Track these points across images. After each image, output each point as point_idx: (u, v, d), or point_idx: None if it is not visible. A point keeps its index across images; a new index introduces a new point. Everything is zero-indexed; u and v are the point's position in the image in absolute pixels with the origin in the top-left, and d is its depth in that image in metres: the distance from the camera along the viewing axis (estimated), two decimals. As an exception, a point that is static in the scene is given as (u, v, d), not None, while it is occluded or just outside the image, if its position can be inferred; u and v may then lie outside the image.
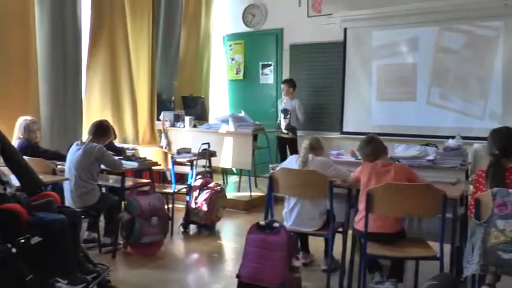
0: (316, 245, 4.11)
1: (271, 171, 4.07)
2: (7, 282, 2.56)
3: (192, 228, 5.16)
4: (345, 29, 7.19)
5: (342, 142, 6.98)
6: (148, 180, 4.67)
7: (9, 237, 2.56)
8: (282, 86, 7.24)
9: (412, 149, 4.33)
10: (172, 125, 6.88)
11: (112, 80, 6.13)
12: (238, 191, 6.76)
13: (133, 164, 4.42)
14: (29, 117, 4.54)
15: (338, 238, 3.63)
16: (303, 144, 3.85)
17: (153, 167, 4.67)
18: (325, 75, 7.52)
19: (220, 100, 8.50)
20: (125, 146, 5.60)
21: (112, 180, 4.73)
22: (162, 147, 6.70)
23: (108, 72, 6.08)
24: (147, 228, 4.12)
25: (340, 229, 3.69)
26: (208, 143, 5.36)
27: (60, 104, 5.38)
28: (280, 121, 7.19)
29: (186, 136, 6.72)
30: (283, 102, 7.24)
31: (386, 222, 3.24)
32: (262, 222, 3.36)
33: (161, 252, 4.35)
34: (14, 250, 2.52)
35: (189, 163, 5.30)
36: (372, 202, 3.10)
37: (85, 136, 5.60)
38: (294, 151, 7.04)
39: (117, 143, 5.46)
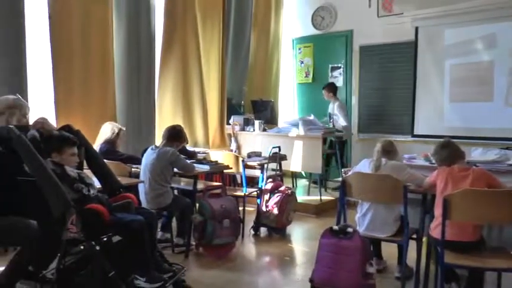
0: (388, 251, 4.03)
1: (343, 175, 4.04)
2: (91, 278, 2.72)
3: (263, 231, 5.21)
4: (416, 28, 7.00)
5: (413, 145, 6.78)
6: (220, 183, 4.76)
7: (92, 235, 2.71)
8: (323, 91, 7.25)
9: (490, 153, 4.15)
10: (242, 129, 6.99)
11: (183, 85, 6.32)
12: (308, 194, 6.75)
13: (205, 167, 4.54)
14: (117, 124, 4.77)
15: (411, 245, 3.54)
16: (376, 147, 3.78)
17: (224, 170, 4.75)
18: (396, 76, 7.36)
19: (288, 104, 8.53)
20: (196, 149, 5.74)
21: (184, 183, 4.88)
22: (232, 150, 6.82)
23: (179, 78, 6.27)
24: (219, 230, 4.21)
25: (414, 236, 3.60)
26: (279, 147, 5.40)
27: (134, 109, 5.62)
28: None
29: (255, 140, 6.80)
30: (329, 106, 7.28)
31: (464, 229, 3.11)
32: (335, 227, 3.34)
33: (233, 254, 4.43)
34: (97, 248, 2.67)
35: (259, 166, 5.35)
36: (449, 208, 2.99)
37: (158, 140, 5.86)
38: (341, 153, 6.97)
39: (188, 146, 5.62)
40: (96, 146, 4.60)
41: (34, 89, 4.62)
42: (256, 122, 6.82)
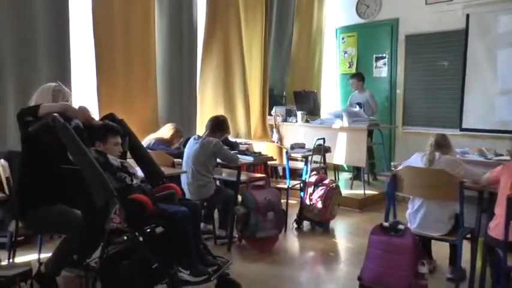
0: (436, 250, 3.84)
1: (393, 169, 3.86)
2: (135, 269, 2.66)
3: (305, 224, 5.08)
4: (467, 15, 6.67)
5: (461, 140, 6.45)
6: (263, 175, 4.65)
7: (136, 226, 2.65)
8: (351, 81, 7.10)
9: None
10: (284, 120, 6.85)
11: (225, 76, 6.22)
12: (351, 188, 6.57)
13: (249, 159, 4.43)
14: (179, 129, 4.83)
15: (464, 245, 3.34)
16: (429, 141, 3.60)
17: (268, 162, 4.64)
18: (444, 67, 7.04)
19: (331, 95, 8.33)
20: (238, 140, 5.64)
21: (226, 174, 4.79)
22: (273, 142, 6.70)
23: (221, 69, 6.17)
24: (263, 223, 4.11)
25: (469, 235, 3.40)
26: (323, 138, 5.23)
27: (176, 101, 5.56)
28: None
29: (298, 131, 6.66)
30: (356, 96, 7.07)
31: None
32: (386, 224, 3.18)
33: (276, 248, 4.33)
34: (140, 239, 2.60)
35: (303, 158, 5.20)
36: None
37: (199, 131, 5.81)
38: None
39: (230, 137, 5.53)
40: (147, 141, 4.58)
41: (77, 81, 4.63)
42: (299, 113, 6.67)
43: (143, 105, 5.13)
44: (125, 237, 2.60)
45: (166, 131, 4.83)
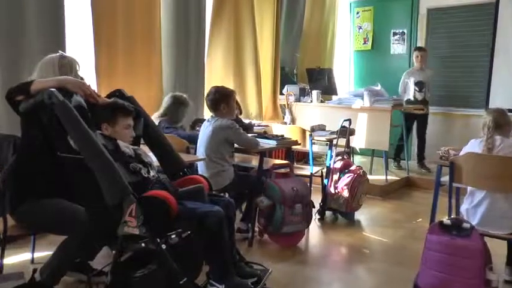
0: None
1: (440, 154, 3.36)
2: (154, 283, 2.13)
3: (327, 214, 4.59)
4: (498, -14, 6.13)
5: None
6: (287, 161, 4.12)
7: (157, 230, 2.10)
8: (417, 53, 6.31)
9: None
10: (297, 100, 6.31)
11: (235, 52, 5.67)
12: (370, 173, 6.06)
13: (271, 143, 3.90)
14: (182, 94, 4.21)
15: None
16: (483, 120, 3.06)
17: (295, 147, 4.11)
18: (470, 43, 6.53)
19: (344, 73, 7.78)
20: (252, 121, 5.12)
21: (238, 159, 4.23)
22: (285, 123, 6.18)
23: (231, 44, 5.62)
24: (290, 216, 3.59)
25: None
26: (349, 119, 4.70)
27: (182, 79, 5.00)
28: (411, 95, 6.32)
29: (313, 112, 6.13)
30: (415, 74, 6.34)
31: None
32: (447, 221, 2.67)
33: (302, 243, 3.83)
34: (163, 246, 2.07)
35: (327, 142, 4.68)
36: None
37: (207, 111, 5.26)
38: (422, 128, 6.31)
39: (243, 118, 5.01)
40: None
41: (72, 54, 4.00)
42: (314, 92, 6.14)
43: (147, 82, 4.57)
44: (143, 244, 2.06)
45: (168, 104, 4.22)
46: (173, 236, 2.07)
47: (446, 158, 3.27)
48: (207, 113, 5.11)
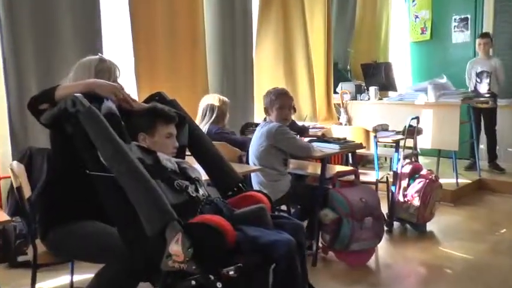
0: None
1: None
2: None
3: (395, 225, 4.07)
4: None
5: None
6: (351, 168, 3.64)
7: (210, 265, 1.67)
8: (480, 41, 5.69)
9: None
10: (354, 98, 5.79)
11: (285, 48, 5.23)
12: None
13: (333, 147, 3.42)
14: (220, 97, 3.74)
15: None
16: None
17: (357, 150, 3.63)
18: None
19: (400, 67, 7.18)
20: (306, 124, 4.64)
21: (293, 166, 3.75)
22: (341, 124, 5.68)
23: (280, 41, 5.19)
24: (359, 232, 3.10)
25: None
26: (417, 118, 4.16)
27: (230, 81, 4.61)
28: (474, 87, 5.71)
29: (371, 110, 5.59)
30: (478, 63, 5.75)
31: None
32: None
33: (371, 262, 3.34)
34: (219, 285, 1.64)
35: (392, 144, 4.16)
36: None
37: (257, 116, 4.85)
38: (492, 123, 5.65)
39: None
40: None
41: (109, 54, 3.66)
42: (372, 89, 5.60)
43: (191, 83, 4.19)
44: (193, 282, 1.64)
45: (208, 109, 3.70)
46: (231, 272, 1.62)
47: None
48: (260, 116, 4.72)
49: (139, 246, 1.72)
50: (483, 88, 5.65)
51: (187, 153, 2.25)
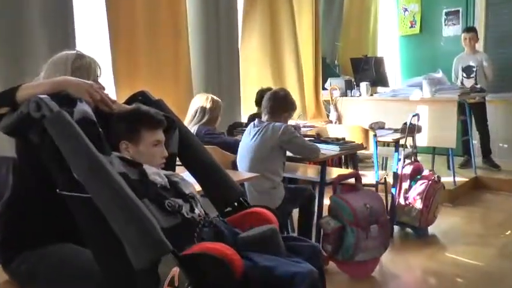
0: None
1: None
2: None
3: (396, 230, 3.83)
4: None
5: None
6: (353, 170, 3.36)
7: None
8: (465, 35, 5.51)
9: None
10: (343, 94, 5.52)
11: (272, 41, 4.98)
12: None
13: (333, 148, 3.14)
14: (214, 98, 3.41)
15: None
16: None
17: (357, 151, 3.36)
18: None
19: (389, 62, 6.95)
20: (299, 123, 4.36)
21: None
22: (331, 122, 5.41)
23: (267, 34, 4.94)
24: (364, 241, 2.83)
25: None
26: (417, 115, 3.91)
27: (214, 78, 4.30)
28: (461, 82, 5.52)
29: (362, 107, 5.34)
30: (464, 58, 5.58)
31: None
32: None
33: (376, 272, 3.07)
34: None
35: (391, 143, 3.90)
36: None
37: (244, 110, 4.55)
38: (480, 119, 5.47)
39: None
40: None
41: (83, 48, 3.31)
42: (363, 85, 5.35)
43: (173, 77, 3.90)
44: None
45: (199, 109, 3.37)
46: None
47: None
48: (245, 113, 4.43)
49: (125, 279, 1.40)
50: (469, 83, 5.45)
51: (178, 162, 1.91)
